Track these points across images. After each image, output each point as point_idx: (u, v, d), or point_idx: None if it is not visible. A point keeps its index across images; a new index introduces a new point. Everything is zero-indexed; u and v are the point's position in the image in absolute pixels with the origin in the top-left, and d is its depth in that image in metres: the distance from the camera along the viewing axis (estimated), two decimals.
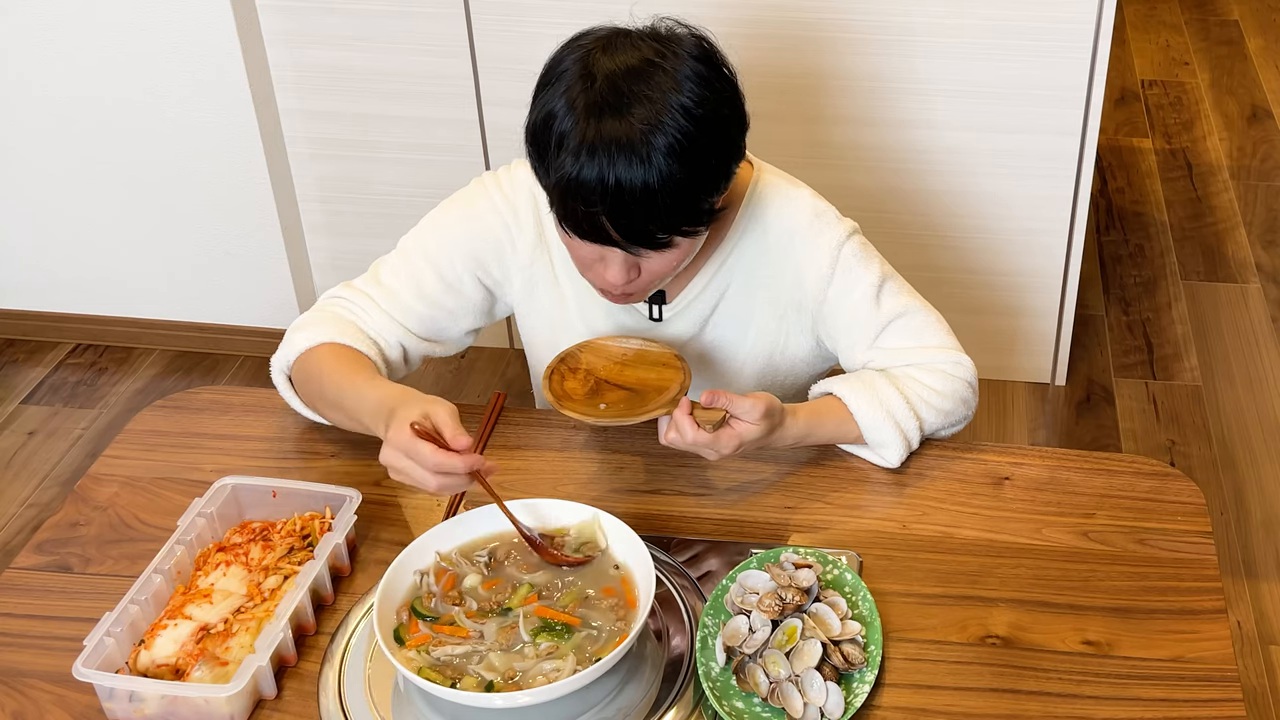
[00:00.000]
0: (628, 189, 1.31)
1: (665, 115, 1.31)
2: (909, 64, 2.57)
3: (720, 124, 1.36)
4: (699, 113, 1.33)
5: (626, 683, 1.25)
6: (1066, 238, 2.73)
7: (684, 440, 1.39)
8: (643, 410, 1.41)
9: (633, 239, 1.36)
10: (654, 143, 1.30)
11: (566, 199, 1.34)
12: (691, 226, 1.38)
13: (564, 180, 1.33)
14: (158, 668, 1.27)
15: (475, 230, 1.59)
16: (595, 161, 1.30)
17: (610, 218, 1.33)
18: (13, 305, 3.17)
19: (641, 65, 1.33)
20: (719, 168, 1.38)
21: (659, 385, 1.45)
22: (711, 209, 1.40)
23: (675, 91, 1.32)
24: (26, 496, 2.73)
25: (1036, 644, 1.31)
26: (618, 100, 1.31)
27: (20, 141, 2.91)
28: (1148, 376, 2.99)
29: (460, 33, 2.67)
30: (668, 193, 1.32)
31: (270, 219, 2.91)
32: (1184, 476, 1.51)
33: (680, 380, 1.44)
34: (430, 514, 1.49)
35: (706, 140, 1.34)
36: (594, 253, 1.40)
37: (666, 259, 1.41)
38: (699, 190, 1.36)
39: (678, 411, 1.39)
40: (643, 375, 1.46)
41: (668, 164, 1.31)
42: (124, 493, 1.53)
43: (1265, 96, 4.13)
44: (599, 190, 1.31)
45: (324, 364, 1.52)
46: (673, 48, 1.35)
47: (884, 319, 1.55)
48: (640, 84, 1.32)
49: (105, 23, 2.72)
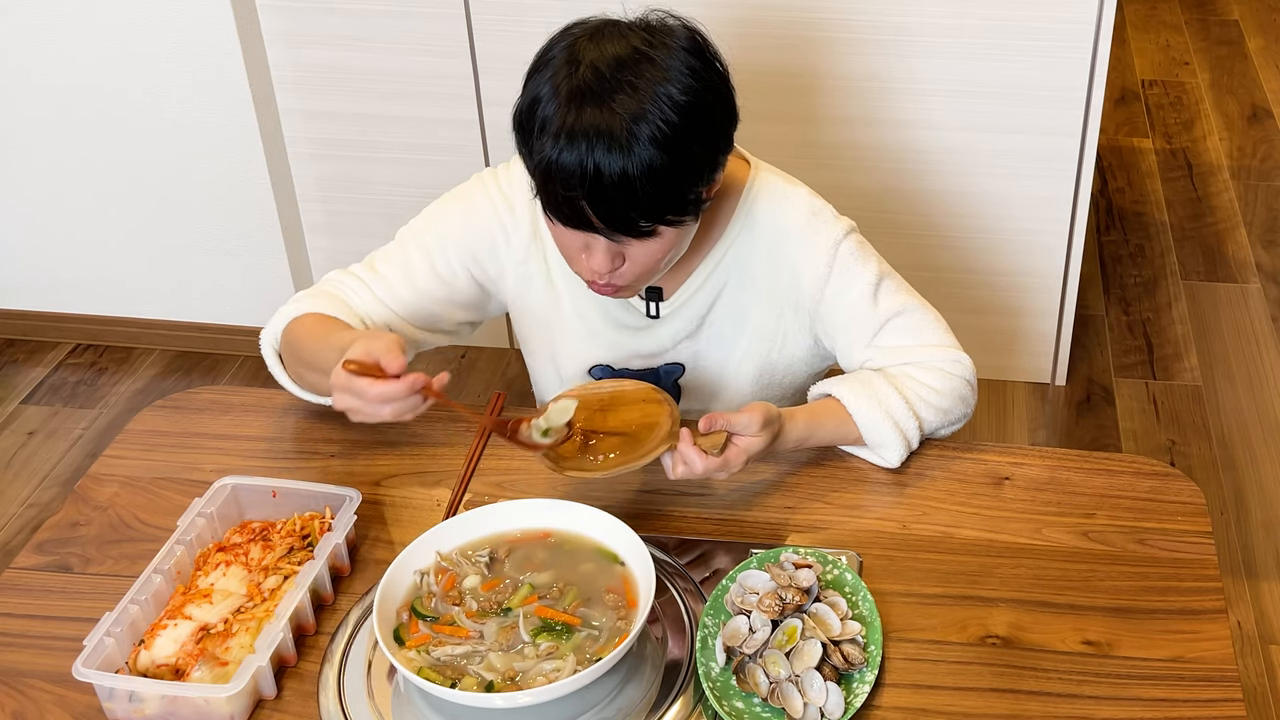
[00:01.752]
0: (606, 175, 1.31)
1: (650, 104, 1.32)
2: (909, 64, 2.57)
3: (707, 115, 1.37)
4: (686, 103, 1.33)
5: (626, 683, 1.25)
6: (1066, 238, 2.73)
7: (694, 472, 1.39)
8: (643, 452, 1.39)
9: (614, 226, 1.36)
10: (636, 132, 1.31)
11: (548, 183, 1.35)
12: (675, 216, 1.38)
13: (544, 163, 1.34)
14: (158, 668, 1.27)
15: (471, 225, 1.59)
16: (575, 147, 1.31)
17: (590, 203, 1.34)
18: (13, 305, 3.17)
19: (630, 54, 1.34)
20: (705, 158, 1.38)
21: (646, 422, 1.43)
22: (698, 200, 1.40)
23: (663, 81, 1.33)
24: (26, 496, 2.73)
25: (1036, 644, 1.31)
26: (601, 88, 1.32)
27: (20, 141, 2.91)
28: (1148, 376, 2.99)
29: (460, 33, 2.67)
30: (648, 181, 1.32)
31: (270, 219, 2.91)
32: (1184, 476, 1.51)
33: (668, 412, 1.42)
34: (430, 514, 1.49)
35: (692, 131, 1.34)
36: (578, 241, 1.41)
37: (650, 249, 1.40)
38: (683, 180, 1.36)
39: (681, 445, 1.38)
40: (626, 417, 1.44)
41: (650, 153, 1.31)
42: (124, 493, 1.53)
43: (1265, 96, 4.13)
44: (578, 175, 1.32)
45: (305, 330, 1.54)
46: (663, 38, 1.36)
47: (882, 317, 1.55)
48: (627, 73, 1.33)
49: (105, 22, 2.72)
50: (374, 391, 1.33)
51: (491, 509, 1.37)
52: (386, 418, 1.35)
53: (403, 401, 1.34)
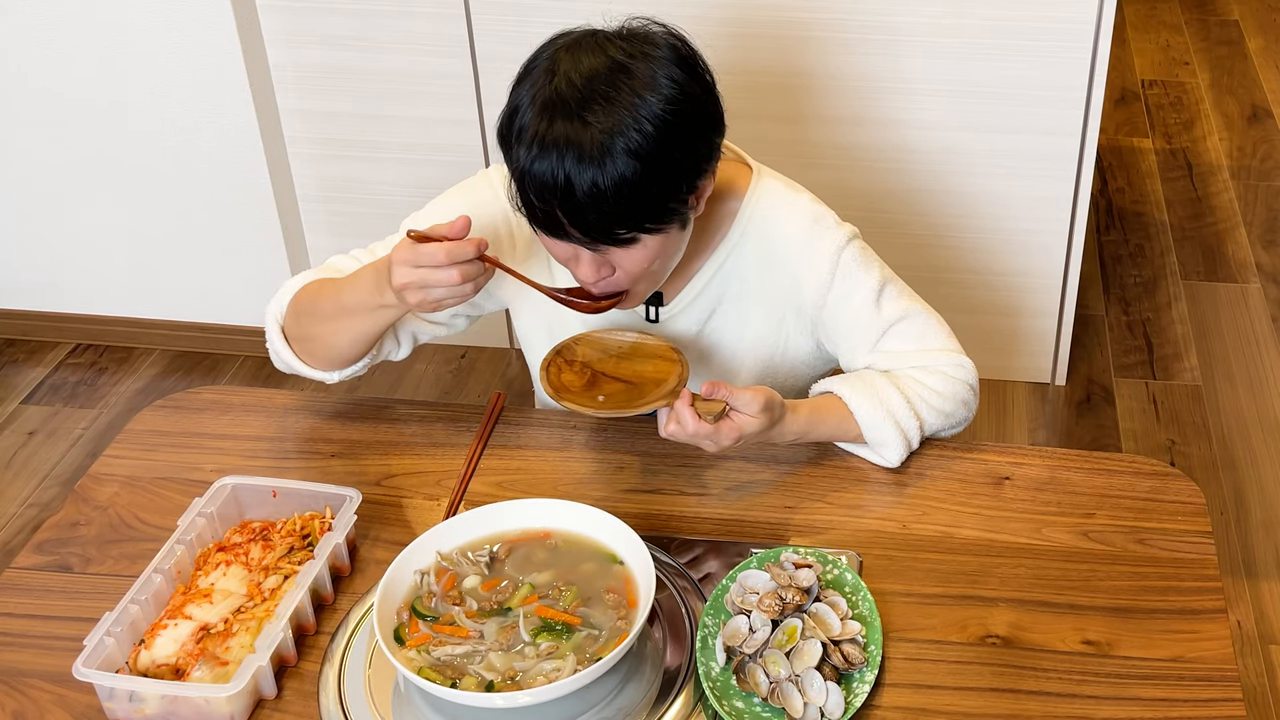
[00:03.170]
0: (578, 186, 1.32)
1: (627, 115, 1.31)
2: (908, 64, 2.57)
3: (688, 125, 1.36)
4: (665, 113, 1.33)
5: (626, 683, 1.25)
6: (1066, 238, 2.73)
7: (685, 431, 1.39)
8: (642, 402, 1.41)
9: (590, 234, 1.36)
10: (609, 144, 1.31)
11: (524, 192, 1.36)
12: (654, 224, 1.37)
13: (519, 173, 1.35)
14: (158, 668, 1.27)
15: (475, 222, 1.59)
16: (546, 157, 1.32)
17: (564, 213, 1.34)
18: (13, 305, 3.17)
19: (606, 66, 1.33)
20: (686, 168, 1.38)
21: (657, 378, 1.44)
22: (682, 206, 1.40)
23: (643, 92, 1.32)
24: (26, 496, 2.73)
25: (1036, 644, 1.31)
26: (575, 100, 1.32)
27: (20, 141, 2.91)
28: (1148, 376, 2.99)
29: (460, 33, 2.67)
30: (621, 192, 1.32)
31: (270, 219, 2.91)
32: (1184, 476, 1.51)
33: (679, 372, 1.44)
34: (430, 514, 1.49)
35: (670, 141, 1.34)
36: (565, 251, 1.41)
37: (635, 256, 1.40)
38: (659, 189, 1.35)
39: (678, 403, 1.39)
40: (639, 368, 1.46)
41: (623, 163, 1.31)
42: (124, 493, 1.53)
43: (1265, 96, 4.13)
44: (550, 185, 1.33)
45: (318, 288, 1.55)
46: (643, 47, 1.36)
47: (885, 323, 1.55)
48: (604, 85, 1.32)
49: (105, 23, 2.72)
50: (445, 250, 1.35)
51: (491, 509, 1.37)
52: (455, 281, 1.36)
53: (471, 264, 1.37)
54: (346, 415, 1.63)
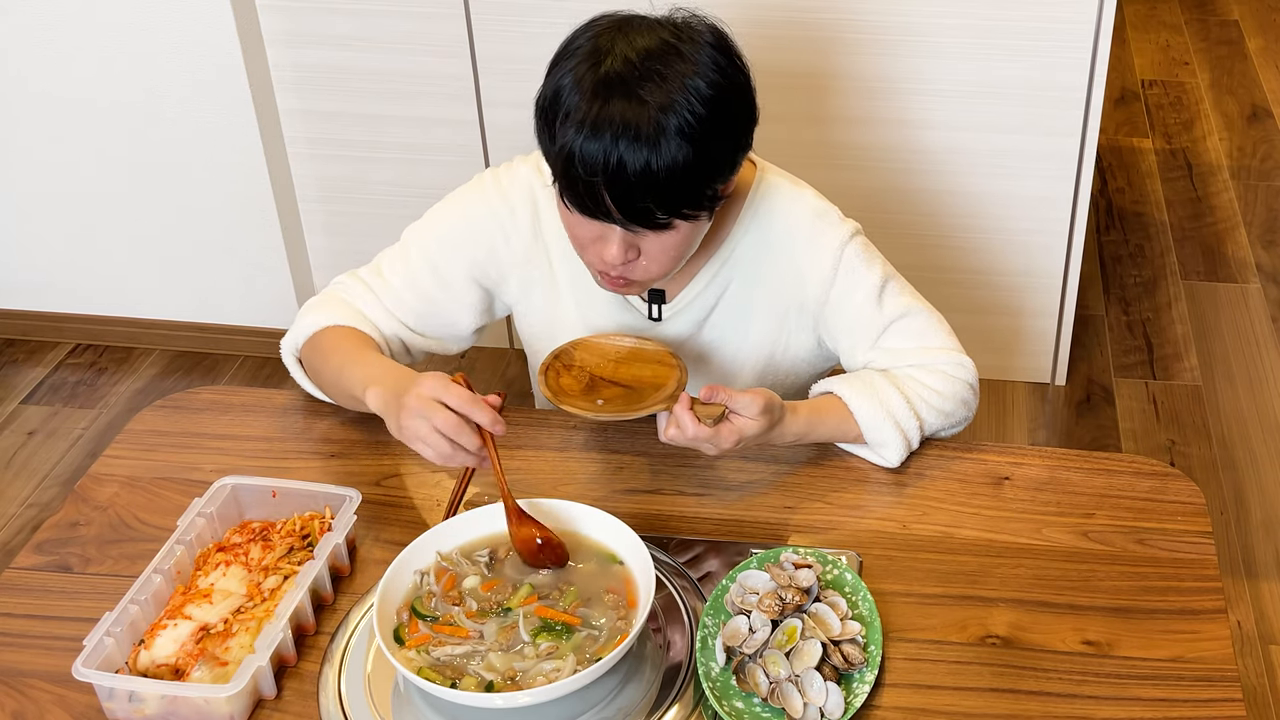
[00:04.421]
0: (630, 167, 1.32)
1: (679, 96, 1.33)
2: (909, 64, 2.57)
3: (732, 111, 1.38)
4: (713, 98, 1.34)
5: (626, 683, 1.25)
6: (1066, 238, 2.73)
7: (684, 436, 1.39)
8: (641, 406, 1.41)
9: (631, 216, 1.36)
10: (664, 123, 1.32)
11: (569, 171, 1.35)
12: (691, 210, 1.38)
13: (566, 152, 1.34)
14: (158, 668, 1.27)
15: (471, 230, 1.59)
16: (599, 137, 1.32)
17: (610, 193, 1.34)
18: (13, 305, 3.17)
19: (659, 46, 1.35)
20: (726, 155, 1.39)
21: (655, 382, 1.45)
22: (715, 195, 1.41)
23: (691, 75, 1.34)
24: (26, 496, 2.73)
25: (1036, 644, 1.31)
26: (631, 78, 1.33)
27: (20, 141, 2.91)
28: (1148, 376, 2.99)
29: (460, 33, 2.67)
30: (671, 174, 1.33)
31: (270, 219, 2.91)
32: (1184, 476, 1.51)
33: (677, 377, 1.44)
34: (430, 514, 1.49)
35: (717, 125, 1.35)
36: (593, 231, 1.41)
37: (664, 242, 1.41)
38: (703, 175, 1.36)
39: (678, 407, 1.39)
40: (638, 373, 1.47)
41: (676, 145, 1.32)
42: (124, 493, 1.53)
43: (1265, 96, 4.13)
44: (601, 164, 1.32)
45: (332, 343, 1.56)
46: (689, 33, 1.37)
47: (886, 320, 1.55)
48: (657, 63, 1.33)
49: (105, 23, 2.72)
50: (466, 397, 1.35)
51: (491, 509, 1.37)
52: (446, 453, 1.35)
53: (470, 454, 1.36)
54: (346, 415, 1.63)
